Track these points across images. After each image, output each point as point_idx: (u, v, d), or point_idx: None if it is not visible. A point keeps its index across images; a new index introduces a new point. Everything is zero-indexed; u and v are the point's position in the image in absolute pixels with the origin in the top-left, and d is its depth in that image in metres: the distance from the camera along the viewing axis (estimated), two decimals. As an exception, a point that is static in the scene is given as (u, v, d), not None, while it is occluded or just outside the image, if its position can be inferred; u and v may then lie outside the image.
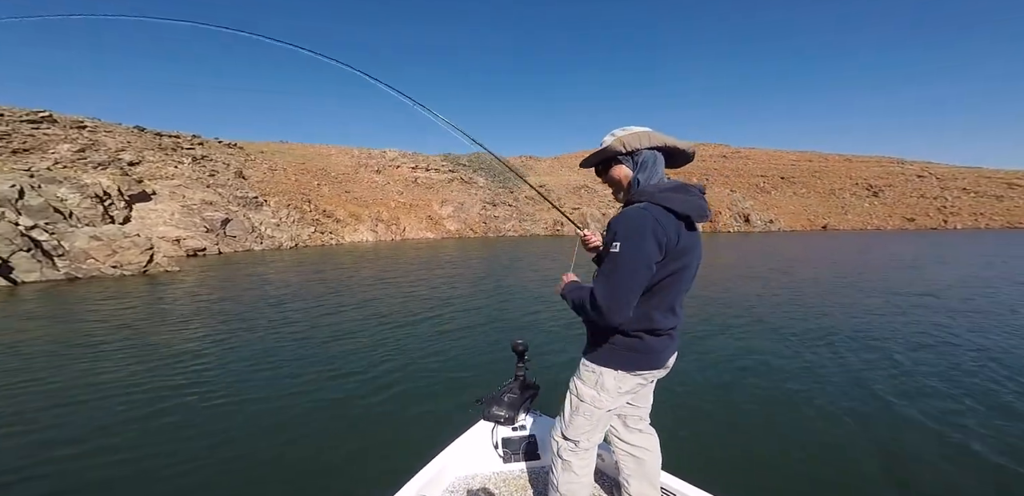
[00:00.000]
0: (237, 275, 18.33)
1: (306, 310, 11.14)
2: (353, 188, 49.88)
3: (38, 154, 28.58)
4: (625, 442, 1.93)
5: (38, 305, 12.02)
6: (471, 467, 2.23)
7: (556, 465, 1.80)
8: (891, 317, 9.45)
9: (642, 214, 1.47)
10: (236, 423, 4.99)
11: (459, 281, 16.65)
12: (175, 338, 8.48)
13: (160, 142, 39.45)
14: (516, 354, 2.50)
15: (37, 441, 4.60)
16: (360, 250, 32.15)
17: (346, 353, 7.55)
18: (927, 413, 4.96)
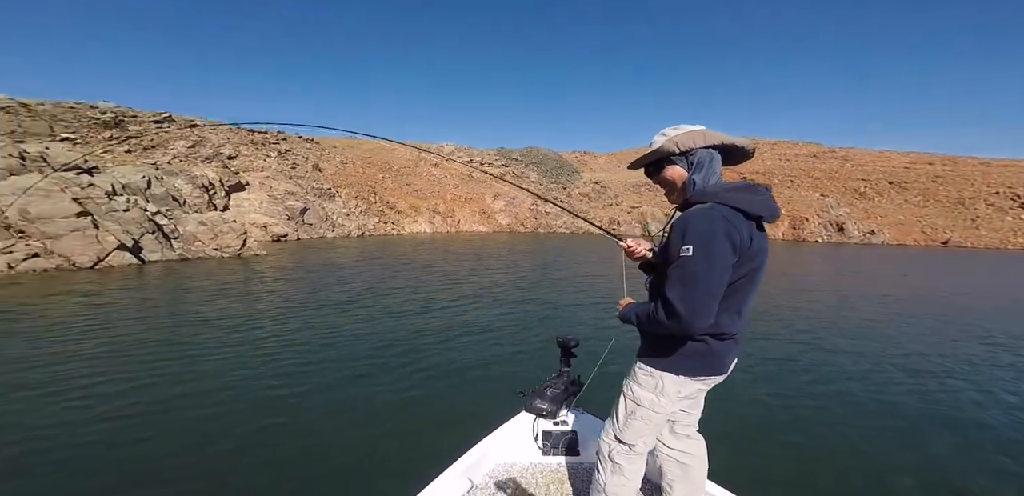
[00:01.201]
0: (312, 260, 19.98)
1: (365, 294, 11.98)
2: (413, 181, 51.81)
3: (161, 150, 32.69)
4: (671, 447, 1.85)
5: (161, 281, 13.89)
6: (511, 455, 2.23)
7: (605, 467, 1.74)
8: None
9: (711, 215, 1.39)
10: (290, 392, 5.45)
11: (508, 273, 16.88)
12: (257, 311, 9.49)
13: (252, 138, 43.41)
14: (562, 349, 2.46)
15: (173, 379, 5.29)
16: (418, 240, 33.54)
17: (396, 335, 8.05)
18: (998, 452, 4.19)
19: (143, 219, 18.10)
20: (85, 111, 32.66)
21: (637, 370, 1.66)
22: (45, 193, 15.95)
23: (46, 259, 14.76)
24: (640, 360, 1.66)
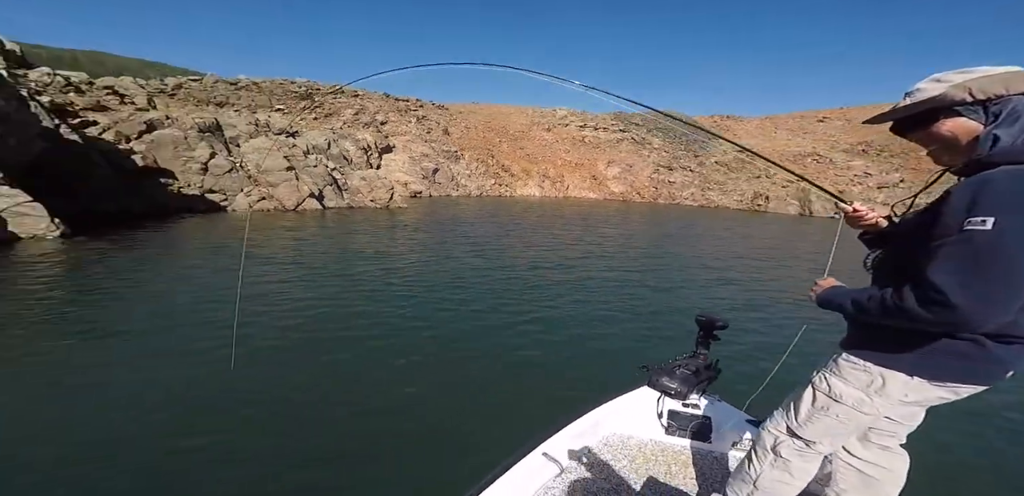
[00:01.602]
0: (441, 214, 22.62)
1: (483, 247, 13.35)
2: (526, 145, 52.02)
3: (335, 117, 39.53)
4: (854, 455, 1.61)
5: (336, 222, 17.61)
6: (628, 428, 2.18)
7: (762, 459, 1.60)
8: None
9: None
10: (418, 340, 5.89)
11: (621, 242, 16.29)
12: (401, 253, 11.56)
13: (398, 105, 48.85)
14: (703, 330, 2.30)
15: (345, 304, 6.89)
16: (527, 203, 34.39)
17: (511, 291, 8.48)
18: None
19: (325, 174, 22.67)
20: (288, 86, 41.08)
21: (843, 362, 1.43)
22: (268, 152, 21.11)
23: (268, 201, 19.93)
24: (850, 352, 1.42)
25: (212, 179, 18.35)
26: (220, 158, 19.08)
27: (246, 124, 23.00)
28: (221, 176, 18.66)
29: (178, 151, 17.92)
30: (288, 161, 21.19)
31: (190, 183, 17.65)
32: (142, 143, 17.09)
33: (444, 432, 3.85)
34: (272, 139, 22.17)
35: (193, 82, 32.04)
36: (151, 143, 17.30)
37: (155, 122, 18.08)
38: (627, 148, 55.09)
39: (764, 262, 13.62)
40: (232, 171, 19.15)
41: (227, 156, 19.72)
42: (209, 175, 18.35)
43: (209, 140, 19.42)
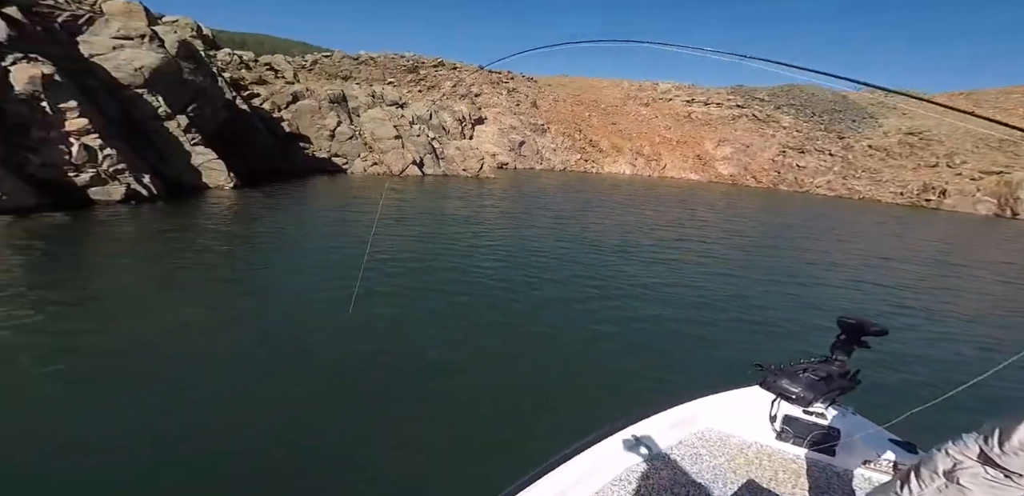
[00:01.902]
0: (526, 186, 22.79)
1: (568, 220, 13.45)
2: (619, 120, 48.43)
3: (436, 90, 41.32)
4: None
5: (434, 187, 19.05)
6: (728, 426, 2.06)
7: (926, 482, 1.48)
8: None
9: None
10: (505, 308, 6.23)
11: (726, 228, 14.67)
12: (490, 219, 12.19)
13: (491, 78, 48.92)
14: (847, 333, 2.06)
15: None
16: (615, 180, 32.68)
17: (599, 268, 8.30)
18: None
19: (426, 143, 24.31)
20: (398, 61, 43.84)
21: None
22: (381, 121, 23.26)
23: (378, 166, 22.23)
24: None
25: (337, 145, 21.07)
26: (344, 126, 21.68)
27: (365, 96, 25.45)
28: (344, 142, 21.30)
29: (313, 119, 20.81)
30: (397, 130, 23.17)
31: (321, 148, 20.54)
32: (289, 112, 20.22)
33: (525, 400, 3.88)
34: (385, 110, 24.30)
35: (325, 58, 36.19)
36: (295, 112, 20.37)
37: (298, 94, 21.11)
38: (745, 126, 47.78)
39: (927, 268, 11.25)
40: (352, 138, 21.69)
41: (349, 124, 22.30)
42: (335, 141, 21.08)
43: (336, 110, 22.08)
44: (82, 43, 11.99)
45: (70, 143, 10.70)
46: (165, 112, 12.87)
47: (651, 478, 1.66)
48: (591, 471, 1.61)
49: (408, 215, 12.40)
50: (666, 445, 1.85)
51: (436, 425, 3.60)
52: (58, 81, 10.63)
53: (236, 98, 16.62)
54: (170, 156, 13.07)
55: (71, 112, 10.74)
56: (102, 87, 11.88)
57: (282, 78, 23.42)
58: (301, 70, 31.26)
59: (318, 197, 14.62)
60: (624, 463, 1.69)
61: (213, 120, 15.15)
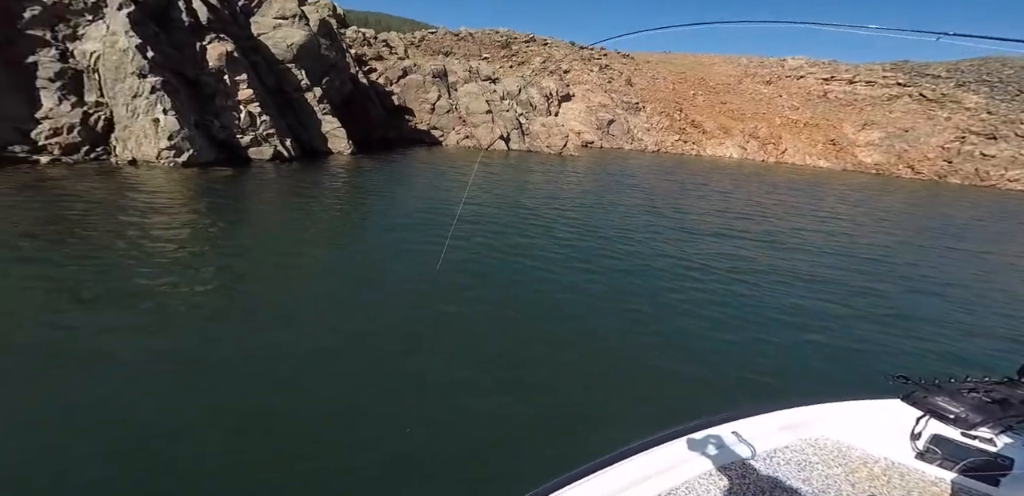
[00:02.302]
0: (613, 165, 21.89)
1: (656, 203, 12.66)
2: (731, 99, 43.02)
3: (526, 65, 40.75)
4: None
5: (516, 162, 19.31)
6: (851, 436, 1.91)
7: None
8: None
9: None
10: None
11: (874, 226, 12.23)
12: (573, 195, 11.98)
13: (582, 54, 46.50)
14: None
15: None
16: (719, 164, 29.53)
17: (695, 258, 7.75)
18: None
19: (513, 118, 24.47)
20: (493, 36, 43.81)
21: None
22: (475, 96, 23.86)
23: (469, 140, 23.08)
24: None
25: (436, 118, 22.30)
26: (443, 100, 22.76)
27: (463, 71, 26.21)
28: (442, 116, 22.44)
29: (418, 93, 22.17)
30: (488, 105, 23.64)
31: (422, 120, 21.95)
32: (398, 86, 21.81)
33: (608, 376, 3.80)
34: (479, 85, 24.83)
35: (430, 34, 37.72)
36: (403, 86, 21.90)
37: (408, 69, 22.57)
38: (906, 107, 39.26)
39: None
40: (449, 112, 22.73)
41: (447, 99, 23.33)
42: (434, 114, 22.32)
43: (438, 84, 23.19)
44: (253, 23, 14.17)
45: (240, 110, 12.99)
46: (306, 84, 14.82)
47: (748, 478, 1.57)
48: (682, 460, 1.55)
49: (494, 185, 13.03)
50: (770, 447, 1.74)
51: (519, 387, 3.75)
52: (236, 57, 12.81)
53: (358, 72, 18.38)
54: (306, 123, 15.16)
55: (242, 84, 12.96)
56: (263, 62, 14.03)
57: (395, 54, 25.12)
58: (411, 46, 33.09)
59: (417, 165, 15.87)
60: (719, 458, 1.61)
61: (340, 92, 17.04)
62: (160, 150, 11.41)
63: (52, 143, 10.78)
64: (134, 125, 11.51)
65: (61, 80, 11.18)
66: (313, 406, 3.38)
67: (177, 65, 12.06)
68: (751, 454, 1.65)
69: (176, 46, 12.32)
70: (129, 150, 11.53)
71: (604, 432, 3.14)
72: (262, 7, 14.38)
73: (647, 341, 4.67)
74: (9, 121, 10.42)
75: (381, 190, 11.39)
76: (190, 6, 12.44)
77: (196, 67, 12.53)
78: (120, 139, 11.64)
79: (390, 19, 76.28)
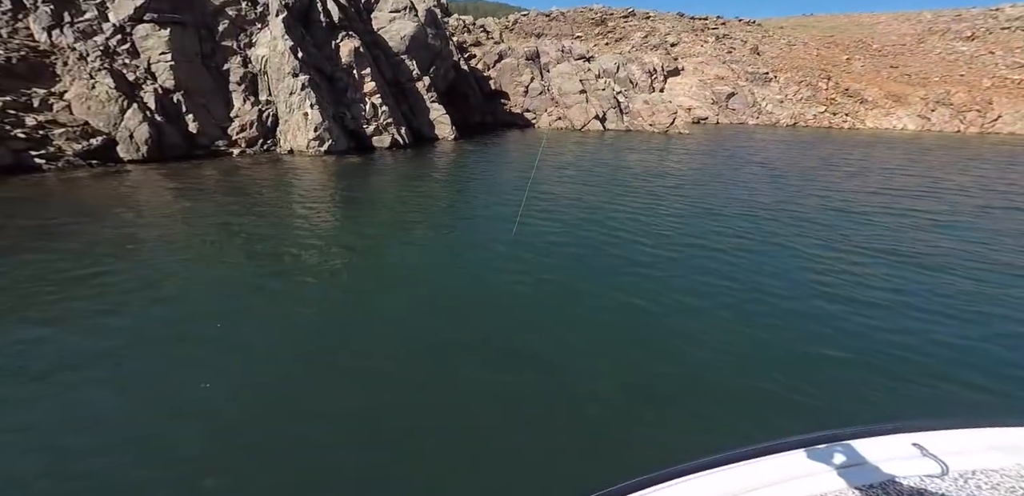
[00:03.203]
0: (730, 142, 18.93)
1: (791, 186, 10.21)
2: (906, 62, 34.09)
3: (625, 42, 37.63)
4: None
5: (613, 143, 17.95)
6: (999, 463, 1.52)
7: None
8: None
9: None
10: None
11: None
12: (674, 177, 10.34)
13: (693, 25, 41.06)
14: None
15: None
16: (884, 138, 23.79)
17: (854, 263, 6.02)
18: None
19: (611, 96, 22.74)
20: (586, 14, 41.27)
21: None
22: (568, 76, 22.73)
23: (562, 121, 22.20)
24: None
25: (529, 100, 21.92)
26: (536, 82, 22.22)
27: (555, 51, 25.18)
28: (535, 98, 21.96)
29: (512, 76, 21.99)
30: (582, 85, 22.34)
31: (516, 104, 21.80)
32: (495, 71, 21.92)
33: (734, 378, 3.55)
34: (572, 64, 23.56)
35: (523, 17, 37.17)
36: (499, 70, 21.94)
37: (503, 52, 22.49)
38: None
39: None
40: (542, 93, 22.12)
41: (540, 80, 22.70)
42: (528, 97, 21.95)
43: (531, 67, 22.68)
44: (373, 18, 15.39)
45: (365, 102, 14.31)
46: (416, 73, 15.67)
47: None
48: (829, 466, 1.34)
49: (581, 166, 12.44)
50: (968, 467, 1.45)
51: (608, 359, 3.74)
52: (361, 52, 14.03)
53: (460, 59, 18.86)
54: (417, 112, 16.11)
55: (367, 77, 14.20)
56: (382, 55, 15.18)
57: (492, 39, 25.27)
58: (505, 30, 33.09)
59: (513, 147, 15.79)
60: (889, 468, 1.38)
61: (445, 79, 17.70)
62: (308, 140, 13.20)
63: (240, 138, 13.28)
64: (291, 119, 13.49)
65: (244, 83, 13.63)
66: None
67: (318, 63, 13.71)
68: (939, 471, 1.38)
69: (317, 45, 14.00)
70: (288, 141, 13.61)
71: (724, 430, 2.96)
72: (380, 2, 15.47)
73: (789, 321, 4.23)
74: (217, 121, 13.14)
75: (482, 170, 11.81)
76: (325, 7, 13.93)
77: (332, 64, 14.11)
78: (282, 132, 13.80)
79: (486, 5, 77.71)
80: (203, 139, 12.45)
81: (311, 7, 14.03)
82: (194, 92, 12.48)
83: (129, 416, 3.00)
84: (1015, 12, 35.72)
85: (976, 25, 35.95)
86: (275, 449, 2.77)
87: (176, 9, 12.87)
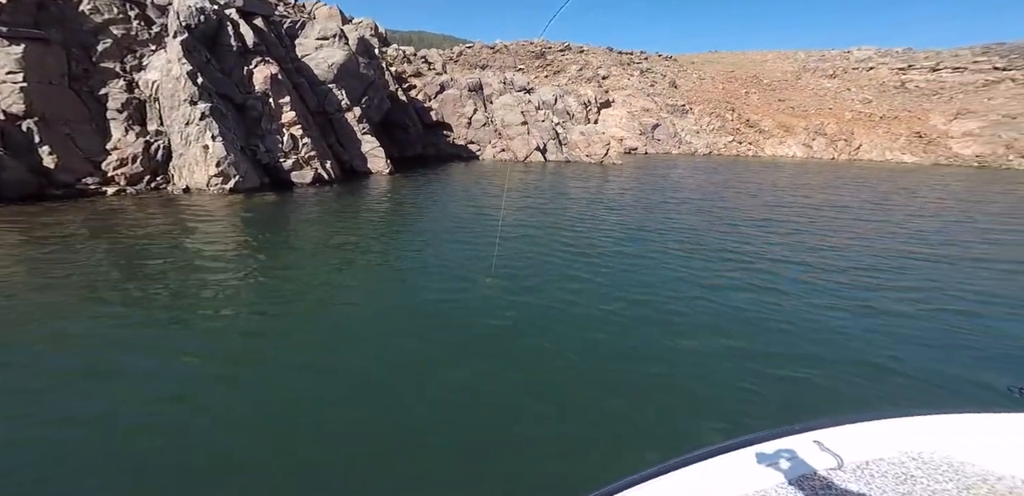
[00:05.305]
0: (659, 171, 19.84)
1: (715, 210, 10.57)
2: (790, 96, 39.15)
3: (562, 74, 39.40)
4: None
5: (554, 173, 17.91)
6: (963, 451, 1.70)
7: None
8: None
9: None
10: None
11: (983, 229, 10.81)
12: (610, 205, 10.22)
13: (620, 59, 44.39)
14: None
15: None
16: (780, 164, 26.71)
17: (753, 261, 6.99)
18: None
19: (550, 128, 23.11)
20: (528, 47, 42.94)
21: None
22: (510, 107, 22.80)
23: (505, 153, 22.01)
24: None
25: (473, 132, 21.48)
26: (479, 113, 21.92)
27: (498, 82, 25.33)
28: (479, 129, 21.58)
29: (455, 107, 21.49)
30: (524, 116, 22.49)
31: (459, 135, 21.21)
32: (436, 101, 21.26)
33: (678, 378, 3.69)
34: (514, 96, 23.77)
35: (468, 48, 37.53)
36: (441, 101, 21.32)
37: (445, 83, 21.99)
38: (1008, 93, 33.79)
39: None
40: (485, 125, 21.83)
41: (484, 112, 22.46)
42: (471, 128, 21.51)
43: (474, 98, 22.40)
44: (297, 45, 14.01)
45: (282, 133, 12.72)
46: (346, 104, 14.42)
47: (833, 489, 1.45)
48: (753, 468, 1.46)
49: (531, 196, 12.02)
50: (860, 458, 1.60)
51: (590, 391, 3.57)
52: (280, 79, 12.56)
53: (397, 90, 17.95)
54: (346, 144, 14.75)
55: (286, 106, 12.69)
56: (306, 83, 13.78)
57: (433, 69, 24.77)
58: (449, 62, 32.95)
59: (455, 181, 14.96)
60: (798, 467, 1.51)
61: (379, 110, 16.60)
62: (209, 177, 11.26)
63: (119, 174, 10.93)
64: (187, 153, 11.47)
65: (127, 110, 11.40)
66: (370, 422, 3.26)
67: (226, 90, 11.98)
68: (837, 464, 1.53)
69: (226, 71, 12.28)
70: (184, 178, 11.51)
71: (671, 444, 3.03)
72: (305, 28, 14.20)
73: (706, 343, 4.38)
74: (87, 154, 10.69)
75: (423, 208, 10.66)
76: (238, 30, 12.37)
77: (244, 91, 12.42)
78: (176, 167, 11.68)
79: (432, 37, 78.35)
80: (64, 176, 10.01)
81: (220, 30, 12.37)
82: (54, 120, 10.12)
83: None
84: (861, 55, 43.32)
85: (836, 65, 42.92)
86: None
87: (39, 23, 10.57)
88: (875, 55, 41.97)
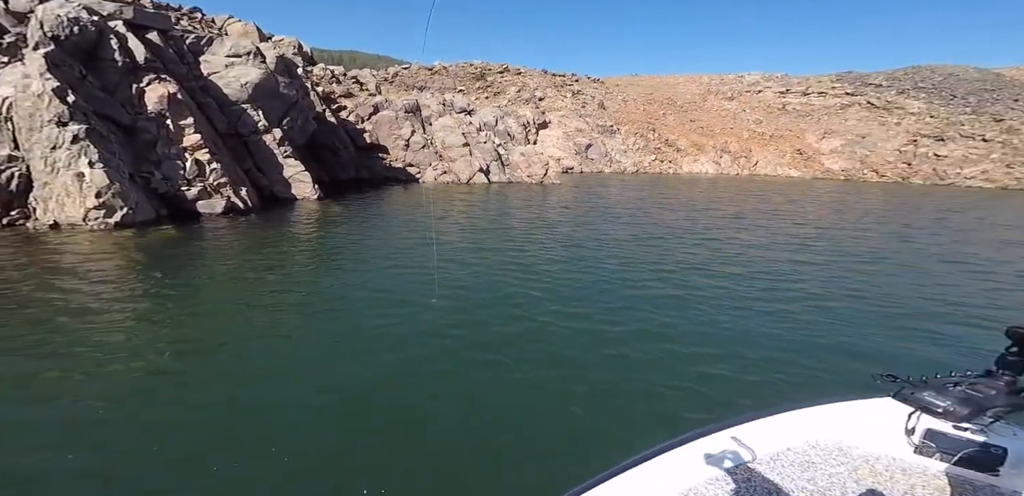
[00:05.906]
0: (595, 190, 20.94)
1: (646, 224, 11.43)
2: (700, 117, 43.96)
3: (502, 96, 40.63)
4: None
5: (498, 194, 18.04)
6: (849, 436, 1.89)
7: None
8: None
9: None
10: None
11: (849, 229, 13.04)
12: (557, 220, 10.48)
13: (555, 81, 47.07)
14: (1017, 345, 1.76)
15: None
16: (697, 180, 29.70)
17: (692, 272, 7.45)
18: None
19: (492, 149, 23.44)
20: (467, 68, 43.85)
21: None
22: (451, 129, 22.80)
23: (447, 175, 21.77)
24: None
25: (411, 154, 20.97)
26: (418, 135, 21.54)
27: (437, 104, 25.28)
28: (417, 152, 21.14)
29: (391, 129, 20.89)
30: (465, 137, 22.57)
31: (397, 158, 20.57)
32: (370, 123, 20.49)
33: (608, 392, 3.81)
34: (454, 117, 23.85)
35: (404, 70, 37.15)
36: (375, 123, 20.60)
37: (379, 105, 21.36)
38: (858, 115, 41.01)
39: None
40: (425, 147, 21.46)
41: (422, 134, 22.13)
42: (409, 151, 20.99)
43: (411, 120, 22.02)
44: (203, 62, 12.65)
45: (185, 158, 11.23)
46: (264, 126, 13.24)
47: (753, 481, 1.58)
48: (686, 467, 1.57)
49: (476, 217, 11.86)
50: (771, 450, 1.77)
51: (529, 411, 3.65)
52: (180, 99, 11.16)
53: (326, 110, 16.98)
54: (266, 168, 13.46)
55: (188, 128, 11.27)
56: (214, 103, 12.42)
57: (366, 90, 23.99)
58: (383, 83, 32.24)
59: (393, 205, 14.29)
60: (723, 463, 1.63)
61: (303, 132, 15.50)
62: (87, 210, 9.48)
63: (-50, 207, 8.74)
64: (54, 182, 9.59)
65: (-35, 132, 9.28)
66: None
67: (108, 110, 10.33)
68: (753, 457, 1.66)
69: (108, 89, 10.63)
70: (50, 212, 9.56)
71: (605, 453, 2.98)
72: (213, 45, 12.92)
73: (647, 358, 4.59)
74: None
75: (355, 236, 9.78)
76: (124, 45, 10.85)
77: (132, 112, 10.83)
78: (39, 199, 9.69)
79: (364, 56, 76.71)
80: None
81: (100, 43, 10.74)
82: None
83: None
84: (751, 79, 50.49)
85: (733, 88, 49.40)
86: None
87: None
88: (761, 79, 49.17)
